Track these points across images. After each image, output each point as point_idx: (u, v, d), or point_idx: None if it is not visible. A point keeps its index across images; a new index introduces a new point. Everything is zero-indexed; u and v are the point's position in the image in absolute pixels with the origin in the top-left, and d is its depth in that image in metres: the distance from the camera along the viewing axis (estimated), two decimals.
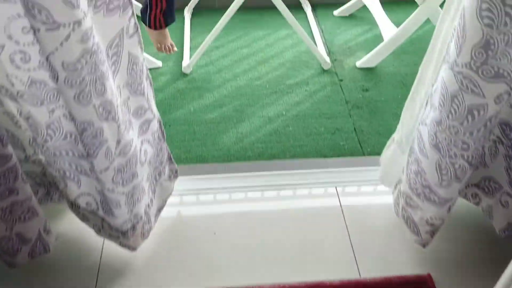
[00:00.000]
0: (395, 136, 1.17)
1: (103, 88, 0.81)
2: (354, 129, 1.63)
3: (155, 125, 1.06)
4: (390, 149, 1.19)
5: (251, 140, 1.59)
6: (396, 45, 1.86)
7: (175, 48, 1.84)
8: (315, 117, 1.68)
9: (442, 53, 0.95)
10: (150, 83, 0.99)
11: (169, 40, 1.81)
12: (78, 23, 0.72)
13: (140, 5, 1.99)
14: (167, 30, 1.78)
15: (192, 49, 1.99)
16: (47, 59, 0.75)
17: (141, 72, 0.94)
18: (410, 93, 1.11)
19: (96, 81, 0.80)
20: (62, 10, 0.69)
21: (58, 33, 0.71)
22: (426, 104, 0.99)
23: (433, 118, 0.93)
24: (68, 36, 0.72)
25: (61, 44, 0.72)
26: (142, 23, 1.75)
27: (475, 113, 0.86)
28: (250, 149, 1.56)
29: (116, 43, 0.86)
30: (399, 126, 1.16)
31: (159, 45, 1.79)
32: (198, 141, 1.58)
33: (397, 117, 1.68)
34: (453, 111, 0.88)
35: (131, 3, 0.85)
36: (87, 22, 0.74)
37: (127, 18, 0.86)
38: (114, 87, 0.86)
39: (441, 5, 1.80)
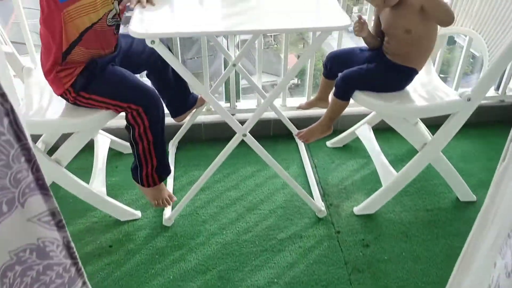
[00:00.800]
0: None
1: None
2: None
3: None
4: None
5: None
6: (396, 192, 1.71)
7: (174, 198, 1.68)
8: (311, 285, 1.48)
9: None
10: None
11: (166, 192, 1.65)
12: None
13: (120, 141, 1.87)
14: (162, 183, 1.63)
15: (176, 192, 1.83)
16: None
17: None
18: None
19: None
20: None
21: None
22: None
23: None
24: None
25: None
26: (134, 181, 1.60)
27: None
28: None
29: None
30: None
31: (155, 202, 1.63)
32: None
33: (402, 282, 1.50)
34: None
35: (80, 274, 0.68)
36: None
37: None
38: None
39: (443, 151, 1.67)
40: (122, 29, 1.58)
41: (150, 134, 1.50)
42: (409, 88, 1.62)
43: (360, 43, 1.74)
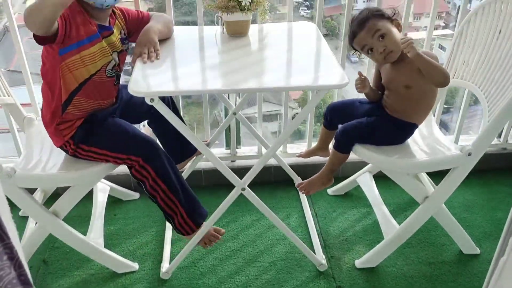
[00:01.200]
0: None
1: None
2: None
3: None
4: None
5: None
6: (398, 245, 1.68)
7: (223, 231, 1.64)
8: None
9: None
10: None
11: (210, 230, 1.59)
12: None
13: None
14: (203, 224, 1.58)
15: (175, 242, 1.81)
16: None
17: None
18: None
19: None
20: None
21: None
22: None
23: None
24: None
25: None
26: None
27: None
28: None
29: None
30: None
31: (203, 244, 1.61)
32: None
33: None
34: None
35: None
36: None
37: None
38: None
39: (445, 203, 1.65)
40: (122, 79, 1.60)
41: (162, 183, 1.48)
42: (410, 141, 1.61)
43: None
